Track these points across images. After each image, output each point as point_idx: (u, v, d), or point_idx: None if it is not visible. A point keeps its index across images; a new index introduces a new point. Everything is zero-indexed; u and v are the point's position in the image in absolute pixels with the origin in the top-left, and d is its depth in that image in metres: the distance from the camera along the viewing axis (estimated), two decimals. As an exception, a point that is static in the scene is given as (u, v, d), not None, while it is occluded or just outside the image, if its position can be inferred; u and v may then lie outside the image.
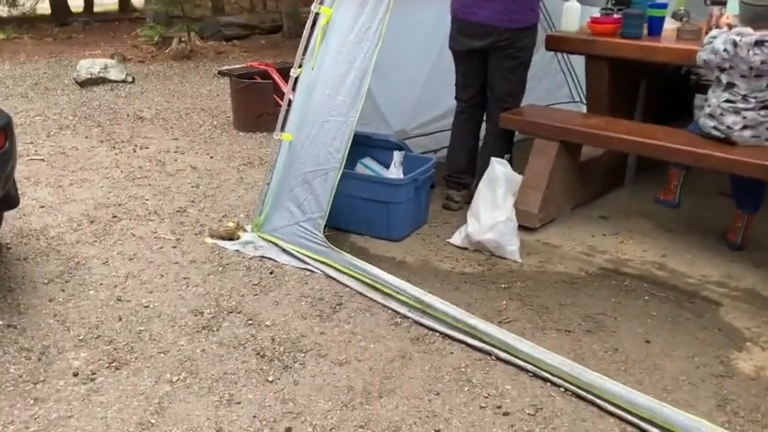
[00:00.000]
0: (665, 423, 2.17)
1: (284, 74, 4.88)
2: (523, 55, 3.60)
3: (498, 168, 3.45)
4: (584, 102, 4.72)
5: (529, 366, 2.49)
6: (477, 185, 3.54)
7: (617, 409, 2.27)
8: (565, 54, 4.95)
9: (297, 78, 3.31)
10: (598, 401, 2.31)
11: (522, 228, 3.49)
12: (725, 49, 3.03)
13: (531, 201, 3.56)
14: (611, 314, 2.90)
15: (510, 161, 3.65)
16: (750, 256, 3.38)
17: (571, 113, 4.08)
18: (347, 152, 3.18)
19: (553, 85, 5.26)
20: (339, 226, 3.50)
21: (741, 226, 3.39)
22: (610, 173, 4.11)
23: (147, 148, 5.11)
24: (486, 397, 2.36)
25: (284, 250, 3.31)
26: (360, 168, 3.77)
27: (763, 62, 2.93)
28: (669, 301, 3.01)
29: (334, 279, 3.11)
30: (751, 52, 2.93)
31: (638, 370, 2.53)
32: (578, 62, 4.55)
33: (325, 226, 3.25)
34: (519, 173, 3.60)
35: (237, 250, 3.39)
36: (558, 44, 3.88)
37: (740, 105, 3.06)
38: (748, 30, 3.00)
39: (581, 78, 4.69)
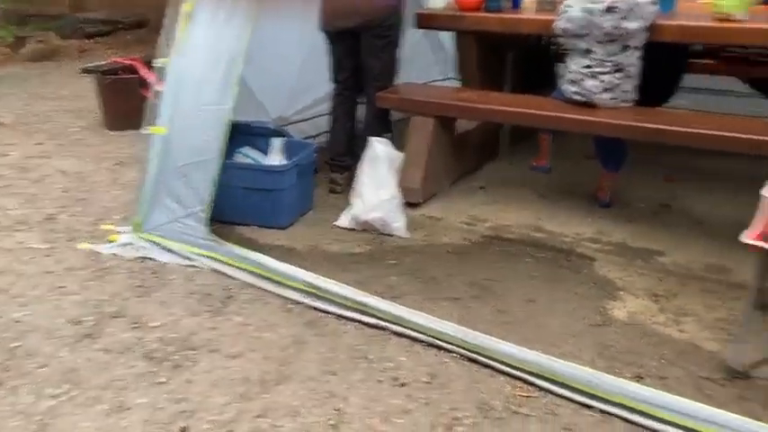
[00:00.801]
0: (552, 375, 2.28)
1: (152, 68, 4.68)
2: (392, 34, 3.65)
3: (379, 147, 3.48)
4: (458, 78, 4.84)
5: (423, 337, 2.54)
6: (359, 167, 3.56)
7: (507, 367, 2.36)
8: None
9: (164, 69, 3.18)
10: (489, 362, 2.39)
11: (406, 204, 3.55)
12: (580, 17, 3.19)
13: (413, 177, 3.63)
14: (496, 278, 3.01)
15: (392, 140, 3.70)
16: (618, 212, 3.60)
17: (445, 89, 4.18)
18: (226, 142, 3.10)
19: (427, 63, 5.36)
20: (224, 218, 3.42)
21: (608, 184, 3.60)
22: (485, 145, 4.25)
23: (7, 155, 4.76)
24: (382, 371, 2.39)
25: (167, 248, 3.19)
26: (238, 158, 3.69)
27: (614, 27, 3.11)
28: (548, 260, 3.16)
29: (223, 273, 3.04)
30: (603, 18, 3.10)
31: (525, 328, 2.64)
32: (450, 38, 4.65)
33: (210, 219, 3.17)
34: (401, 151, 3.65)
35: (115, 254, 3.23)
36: (428, 21, 3.95)
37: (597, 70, 3.24)
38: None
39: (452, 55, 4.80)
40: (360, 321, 2.67)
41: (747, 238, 2.20)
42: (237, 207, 3.42)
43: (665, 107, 3.65)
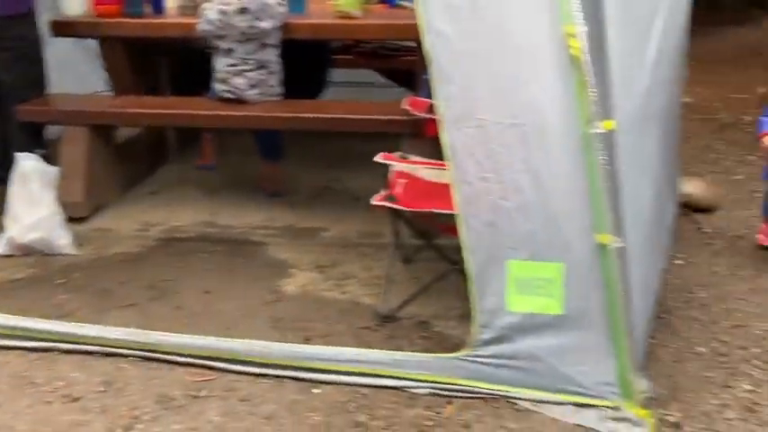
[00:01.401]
0: (228, 355, 2.41)
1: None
2: (17, 46, 3.42)
3: (27, 164, 3.26)
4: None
5: (95, 348, 2.48)
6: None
7: (184, 357, 2.43)
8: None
9: None
10: (166, 357, 2.44)
11: (70, 219, 3.39)
12: (217, 19, 3.35)
13: (73, 190, 3.47)
14: (173, 278, 3.05)
15: (47, 156, 3.48)
16: (285, 199, 3.86)
17: (99, 97, 4.05)
18: None
19: (85, 73, 5.08)
20: None
21: (272, 175, 3.85)
22: (154, 150, 4.23)
23: None
24: (51, 391, 2.29)
25: None
26: None
27: (249, 27, 3.33)
28: (222, 253, 3.29)
29: None
30: (237, 19, 3.30)
31: (202, 319, 2.74)
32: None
33: None
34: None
35: None
36: (64, 29, 3.76)
37: (242, 68, 3.44)
38: (234, -1, 3.36)
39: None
40: (23, 348, 2.51)
41: (374, 200, 2.56)
42: None
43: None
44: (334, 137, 4.49)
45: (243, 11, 3.30)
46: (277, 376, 2.37)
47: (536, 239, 2.18)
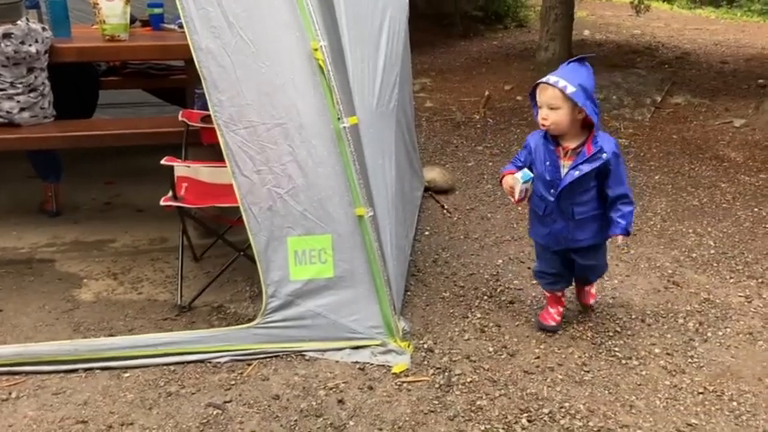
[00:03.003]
0: (34, 358, 2.55)
1: None
2: None
3: None
4: None
5: None
6: None
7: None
8: None
9: None
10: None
11: None
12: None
13: None
14: (-41, 303, 3.05)
15: None
16: (68, 217, 3.94)
17: None
18: None
19: None
20: None
21: (52, 195, 3.91)
22: None
23: None
24: None
25: None
26: None
27: (16, 51, 3.40)
28: (10, 273, 3.33)
29: None
30: (3, 44, 3.36)
31: (1, 334, 2.82)
32: None
33: None
34: None
35: None
36: None
37: (11, 92, 3.49)
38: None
39: None
40: None
41: (162, 201, 2.86)
42: None
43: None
44: (111, 155, 4.64)
45: (6, 36, 3.37)
46: (86, 369, 2.57)
47: (308, 217, 2.65)
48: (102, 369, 2.57)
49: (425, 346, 2.75)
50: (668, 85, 7.17)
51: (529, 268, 3.36)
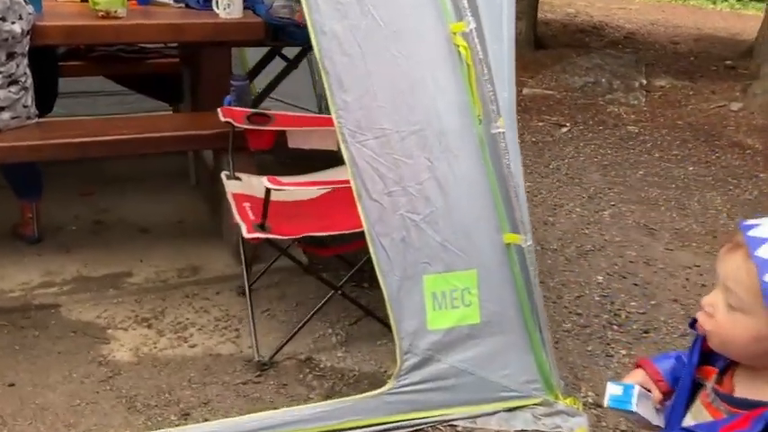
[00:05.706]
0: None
1: None
2: None
3: None
4: None
5: None
6: None
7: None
8: None
9: None
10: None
11: None
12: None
13: None
14: (-53, 377, 2.24)
15: None
16: (52, 242, 3.09)
17: None
18: None
19: None
20: None
21: (32, 216, 3.06)
22: None
23: None
24: None
25: None
26: None
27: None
28: (5, 327, 2.52)
29: None
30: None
31: (24, 425, 2.05)
32: None
33: None
34: None
35: None
36: None
37: (-13, 86, 2.65)
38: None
39: None
40: None
41: (246, 235, 2.18)
42: None
43: (59, 117, 3.29)
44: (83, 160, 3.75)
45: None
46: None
47: (448, 249, 2.07)
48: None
49: (589, 399, 2.25)
50: (643, 67, 6.99)
51: (635, 285, 2.94)
